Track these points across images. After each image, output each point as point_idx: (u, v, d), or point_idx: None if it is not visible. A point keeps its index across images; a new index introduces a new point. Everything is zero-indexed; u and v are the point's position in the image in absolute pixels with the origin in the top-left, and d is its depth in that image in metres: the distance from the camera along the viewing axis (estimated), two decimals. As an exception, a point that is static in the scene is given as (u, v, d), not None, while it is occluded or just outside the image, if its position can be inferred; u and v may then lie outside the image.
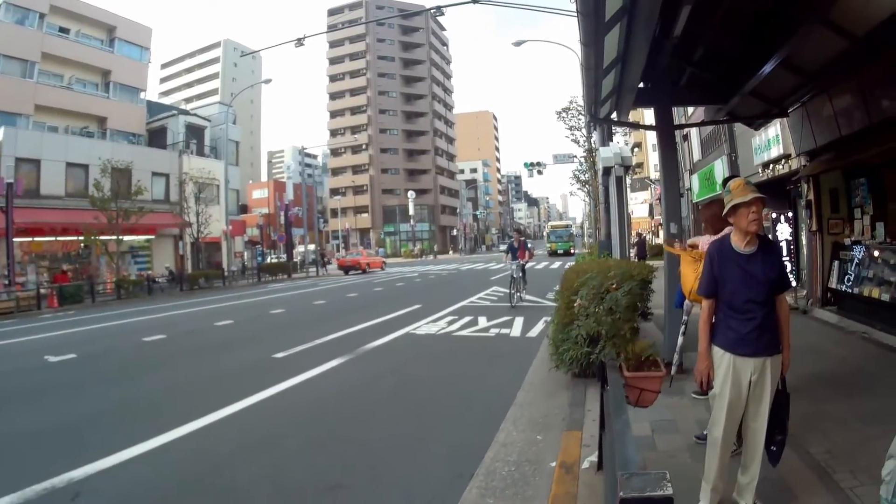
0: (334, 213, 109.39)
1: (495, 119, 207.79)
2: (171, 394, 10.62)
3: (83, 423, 8.82)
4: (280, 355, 13.43)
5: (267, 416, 8.84)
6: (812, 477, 5.18)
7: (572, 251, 71.95)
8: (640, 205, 74.75)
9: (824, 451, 5.71)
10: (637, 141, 76.42)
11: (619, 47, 7.86)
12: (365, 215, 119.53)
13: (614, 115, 12.64)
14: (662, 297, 10.73)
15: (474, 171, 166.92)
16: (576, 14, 6.88)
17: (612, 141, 19.93)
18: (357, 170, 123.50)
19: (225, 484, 6.23)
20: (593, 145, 29.95)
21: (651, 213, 69.61)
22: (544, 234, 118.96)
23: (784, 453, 4.80)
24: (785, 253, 16.79)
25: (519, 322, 17.09)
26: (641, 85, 10.08)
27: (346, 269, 59.32)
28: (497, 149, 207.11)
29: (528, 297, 22.87)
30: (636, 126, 23.89)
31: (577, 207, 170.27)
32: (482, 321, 17.82)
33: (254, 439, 7.61)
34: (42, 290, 32.37)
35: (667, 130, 10.51)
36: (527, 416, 7.96)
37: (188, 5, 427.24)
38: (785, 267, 4.78)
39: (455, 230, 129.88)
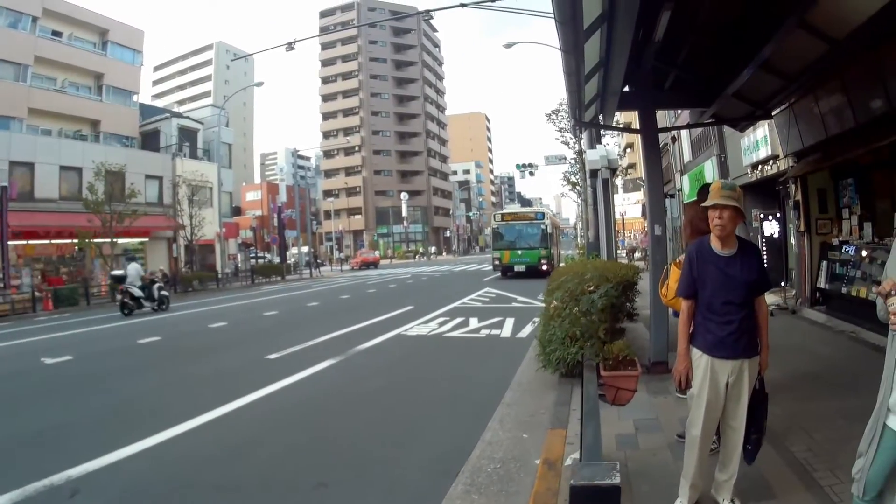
0: (328, 214, 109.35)
1: (488, 120, 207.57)
2: (166, 394, 10.73)
3: (80, 422, 8.95)
4: (273, 356, 13.55)
5: (259, 415, 8.95)
6: (791, 474, 5.25)
7: (544, 266, 38.66)
8: (633, 205, 74.30)
9: (805, 448, 5.79)
10: (629, 142, 75.61)
11: (601, 53, 7.90)
12: (358, 217, 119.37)
13: (600, 118, 12.71)
14: (648, 298, 10.77)
15: (467, 172, 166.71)
16: (554, 22, 6.94)
17: (600, 143, 20.02)
18: (350, 171, 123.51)
19: (217, 481, 6.35)
20: (583, 147, 29.86)
21: (644, 214, 69.35)
22: (489, 229, 70.67)
23: (765, 451, 4.93)
24: (774, 253, 16.85)
25: (510, 323, 17.19)
26: (627, 88, 10.15)
27: (366, 264, 74.14)
28: (490, 150, 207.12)
29: (520, 297, 22.89)
30: (620, 129, 23.97)
31: (571, 208, 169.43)
32: (473, 322, 17.91)
33: (245, 438, 7.72)
34: (37, 294, 32.37)
35: (651, 133, 10.54)
36: (514, 415, 8.05)
37: (179, 8, 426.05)
38: (765, 268, 4.81)
39: (448, 231, 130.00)
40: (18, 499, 5.97)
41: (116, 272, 29.93)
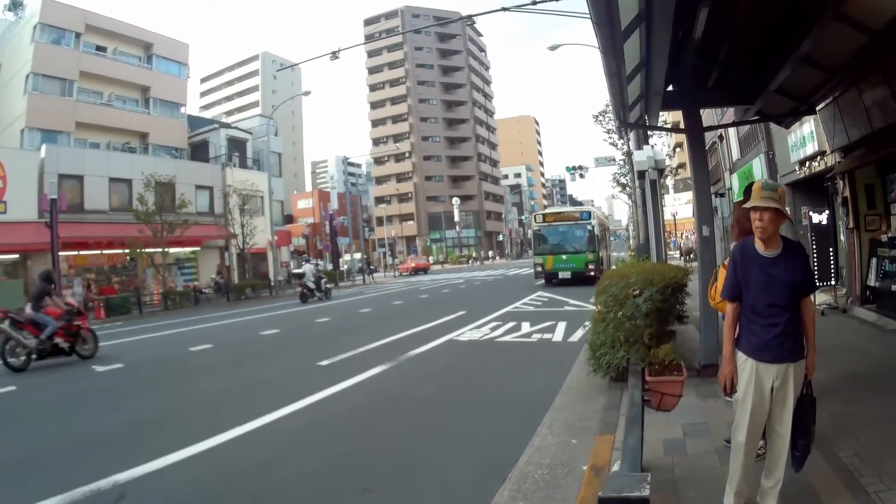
0: (380, 221, 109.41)
1: (537, 123, 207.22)
2: (216, 401, 10.90)
3: (128, 428, 9.11)
4: (324, 363, 13.65)
5: (309, 422, 9.03)
6: (838, 480, 5.15)
7: (592, 271, 33.65)
8: (684, 205, 73.25)
9: (853, 453, 5.66)
10: (678, 141, 74.56)
11: (641, 53, 7.87)
12: (410, 223, 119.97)
13: (645, 119, 12.63)
14: (698, 300, 10.67)
15: (518, 175, 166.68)
16: (591, 23, 6.93)
17: (648, 144, 19.88)
18: (401, 178, 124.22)
19: (264, 487, 6.40)
20: (630, 148, 29.52)
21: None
22: (530, 232, 48.06)
23: (811, 455, 4.80)
24: (823, 244, 16.57)
25: (561, 327, 17.09)
26: (670, 88, 10.09)
27: (416, 270, 76.90)
28: (540, 153, 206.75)
29: (572, 301, 22.79)
30: (665, 129, 23.71)
31: (622, 210, 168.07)
32: (525, 327, 17.80)
33: (295, 444, 7.81)
34: (88, 304, 32.85)
35: (696, 132, 10.42)
36: (562, 420, 8.01)
37: (224, 20, 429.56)
38: (810, 269, 4.71)
39: (501, 235, 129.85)
40: (66, 502, 6.12)
41: (297, 270, 41.58)
